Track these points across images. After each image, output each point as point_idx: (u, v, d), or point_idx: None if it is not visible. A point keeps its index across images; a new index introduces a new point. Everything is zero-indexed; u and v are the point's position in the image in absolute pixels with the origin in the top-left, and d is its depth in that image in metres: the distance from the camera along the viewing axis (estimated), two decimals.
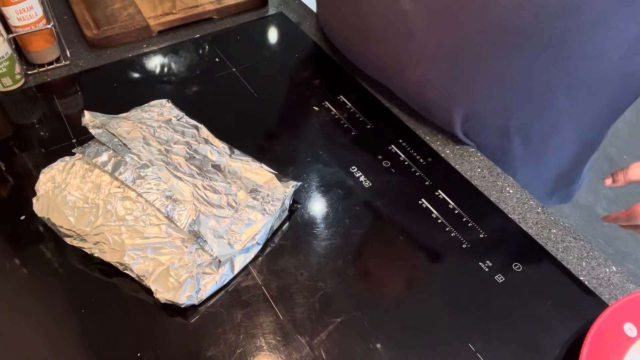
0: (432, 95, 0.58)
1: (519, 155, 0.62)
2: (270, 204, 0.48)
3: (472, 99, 0.56)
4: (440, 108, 0.59)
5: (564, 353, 0.42)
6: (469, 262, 0.48)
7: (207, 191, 0.48)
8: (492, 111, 0.57)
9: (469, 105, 0.57)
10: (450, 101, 0.57)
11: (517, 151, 0.61)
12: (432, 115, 0.61)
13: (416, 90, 0.60)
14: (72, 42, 0.72)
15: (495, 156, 0.60)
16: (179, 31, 0.76)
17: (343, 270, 0.47)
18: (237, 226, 0.46)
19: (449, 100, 0.57)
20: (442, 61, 0.54)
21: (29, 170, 0.55)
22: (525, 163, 0.63)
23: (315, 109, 0.64)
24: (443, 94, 0.57)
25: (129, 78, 0.68)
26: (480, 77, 0.53)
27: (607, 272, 0.48)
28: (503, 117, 0.57)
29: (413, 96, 0.61)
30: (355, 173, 0.56)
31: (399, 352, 0.42)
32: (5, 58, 0.61)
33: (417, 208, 0.53)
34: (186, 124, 0.55)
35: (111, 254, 0.45)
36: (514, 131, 0.58)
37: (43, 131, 0.59)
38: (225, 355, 0.41)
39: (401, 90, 0.63)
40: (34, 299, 0.44)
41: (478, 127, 0.59)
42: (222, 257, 0.44)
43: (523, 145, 0.60)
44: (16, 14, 0.61)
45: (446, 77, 0.56)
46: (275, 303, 0.45)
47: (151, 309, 0.44)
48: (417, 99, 0.61)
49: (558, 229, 0.52)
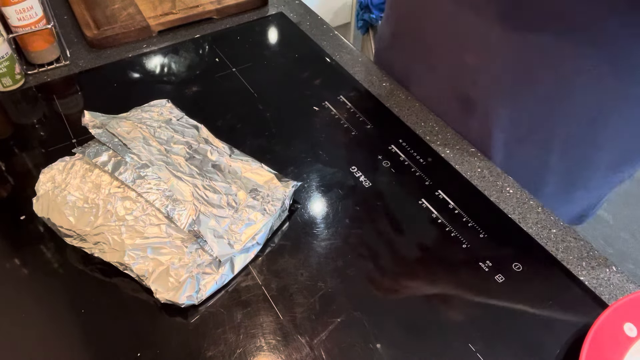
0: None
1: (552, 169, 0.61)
2: (270, 204, 0.48)
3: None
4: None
5: (564, 353, 0.42)
6: (469, 262, 0.48)
7: (207, 191, 0.48)
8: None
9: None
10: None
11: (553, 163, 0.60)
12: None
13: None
14: (72, 42, 0.72)
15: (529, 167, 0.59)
16: (179, 31, 0.76)
17: (343, 270, 0.47)
18: (237, 226, 0.46)
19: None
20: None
21: (29, 170, 0.55)
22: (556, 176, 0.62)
23: (315, 109, 0.64)
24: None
25: (129, 78, 0.68)
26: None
27: (607, 272, 0.48)
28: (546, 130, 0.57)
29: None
30: (355, 173, 0.56)
31: (399, 352, 0.42)
32: (5, 58, 0.61)
33: (417, 208, 0.53)
34: (186, 124, 0.55)
35: (111, 254, 0.45)
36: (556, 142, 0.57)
37: (43, 131, 0.59)
38: (225, 355, 0.41)
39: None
40: (34, 299, 0.44)
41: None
42: (222, 257, 0.44)
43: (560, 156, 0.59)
44: (16, 14, 0.61)
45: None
46: (275, 303, 0.45)
47: (151, 309, 0.44)
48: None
49: (558, 229, 0.52)
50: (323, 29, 0.78)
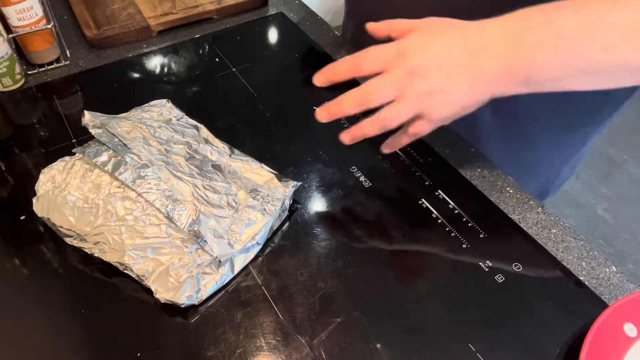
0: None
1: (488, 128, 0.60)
2: (270, 204, 0.48)
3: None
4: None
5: (564, 353, 0.42)
6: (469, 262, 0.48)
7: (207, 191, 0.48)
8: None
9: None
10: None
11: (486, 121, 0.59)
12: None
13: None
14: (72, 42, 0.72)
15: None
16: (179, 31, 0.76)
17: (343, 270, 0.47)
18: (237, 226, 0.46)
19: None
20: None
21: (29, 170, 0.55)
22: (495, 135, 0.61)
23: (315, 109, 0.64)
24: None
25: (129, 78, 0.68)
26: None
27: (607, 272, 0.48)
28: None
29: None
30: (355, 173, 0.56)
31: (399, 352, 0.42)
32: (5, 58, 0.61)
33: (417, 208, 0.53)
34: (186, 124, 0.55)
35: (111, 254, 0.45)
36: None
37: (43, 131, 0.59)
38: (225, 355, 0.41)
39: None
40: (34, 299, 0.44)
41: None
42: (222, 257, 0.44)
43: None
44: (16, 14, 0.61)
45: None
46: (275, 303, 0.45)
47: (151, 309, 0.44)
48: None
49: (558, 229, 0.52)
50: (323, 29, 0.78)
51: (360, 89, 0.44)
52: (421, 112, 0.44)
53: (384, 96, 0.43)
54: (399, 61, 0.43)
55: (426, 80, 0.42)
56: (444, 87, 0.42)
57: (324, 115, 0.47)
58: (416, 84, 0.42)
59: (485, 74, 0.41)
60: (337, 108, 0.46)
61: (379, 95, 0.44)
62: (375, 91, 0.44)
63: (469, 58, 0.41)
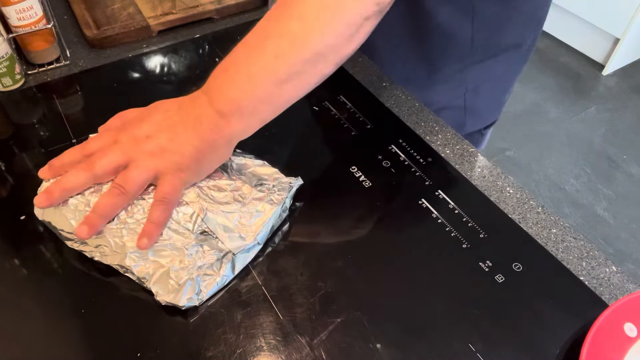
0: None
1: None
2: (276, 194, 0.49)
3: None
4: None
5: (564, 353, 0.42)
6: (469, 262, 0.48)
7: (212, 191, 0.48)
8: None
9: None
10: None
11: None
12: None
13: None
14: (72, 42, 0.72)
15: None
16: (179, 31, 0.76)
17: (343, 270, 0.47)
18: (246, 219, 0.47)
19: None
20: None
21: (29, 170, 0.55)
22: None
23: (315, 109, 0.64)
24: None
25: (129, 78, 0.68)
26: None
27: (607, 272, 0.48)
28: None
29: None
30: (355, 173, 0.56)
31: (399, 352, 0.42)
32: (5, 58, 0.61)
33: (417, 208, 0.53)
34: None
35: (112, 257, 0.45)
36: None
37: (43, 131, 0.59)
38: (225, 355, 0.41)
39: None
40: (34, 300, 0.44)
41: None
42: (236, 250, 0.45)
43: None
44: (16, 13, 0.61)
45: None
46: (275, 303, 0.45)
47: (151, 309, 0.44)
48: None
49: (558, 229, 0.52)
50: None
51: (88, 161, 0.46)
52: (159, 170, 0.45)
53: (113, 161, 0.45)
54: (125, 133, 0.46)
55: (153, 139, 0.46)
56: (172, 139, 0.46)
57: (43, 204, 0.46)
58: (145, 146, 0.45)
59: (203, 119, 0.45)
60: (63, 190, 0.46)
61: (108, 161, 0.45)
62: (103, 155, 0.45)
63: (184, 113, 0.46)
